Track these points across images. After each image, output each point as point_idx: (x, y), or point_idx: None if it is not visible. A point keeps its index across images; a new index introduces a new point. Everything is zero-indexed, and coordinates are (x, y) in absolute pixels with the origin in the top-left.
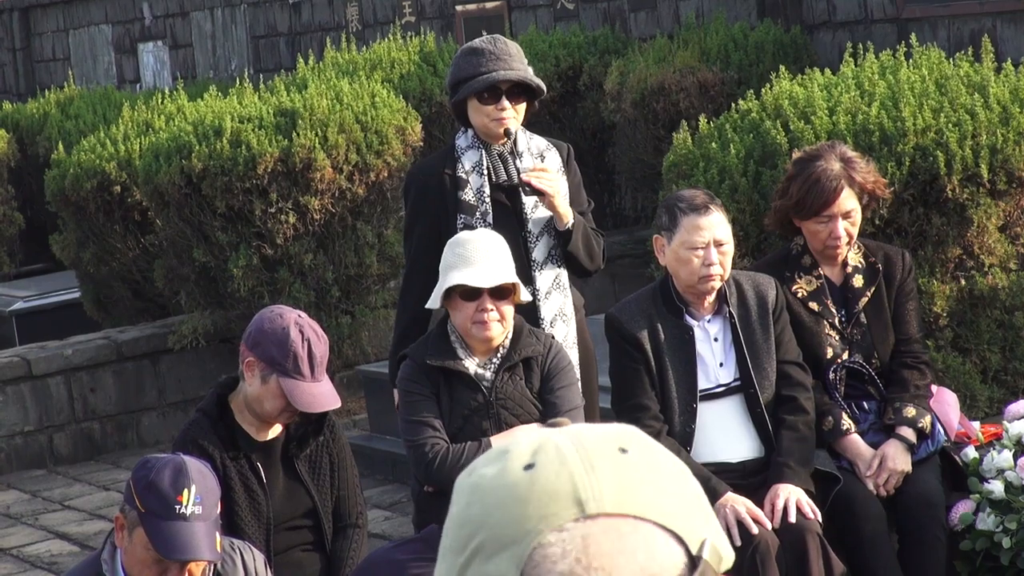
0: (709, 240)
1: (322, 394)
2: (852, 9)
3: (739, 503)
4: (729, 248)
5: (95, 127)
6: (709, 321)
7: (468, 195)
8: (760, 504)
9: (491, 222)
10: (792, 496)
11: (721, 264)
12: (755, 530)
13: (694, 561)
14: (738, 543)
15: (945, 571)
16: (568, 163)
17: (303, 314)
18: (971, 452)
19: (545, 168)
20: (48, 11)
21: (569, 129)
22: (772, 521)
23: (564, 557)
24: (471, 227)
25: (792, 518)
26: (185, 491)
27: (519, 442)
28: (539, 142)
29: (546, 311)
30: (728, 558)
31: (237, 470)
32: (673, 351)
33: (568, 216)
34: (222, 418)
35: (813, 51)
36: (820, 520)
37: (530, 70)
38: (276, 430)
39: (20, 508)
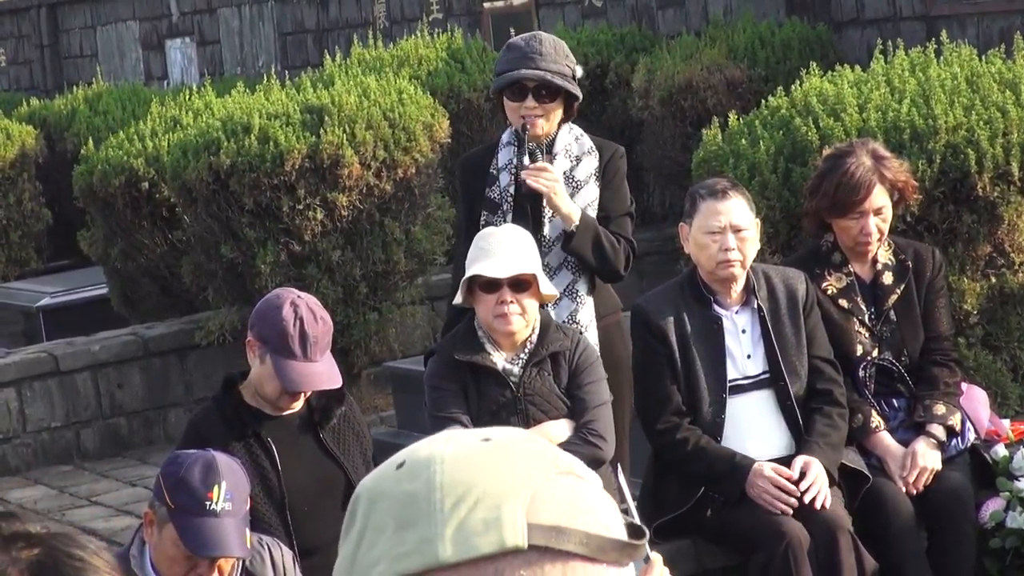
0: (726, 224)
1: (314, 374)
2: (880, 6)
3: (767, 467)
4: (749, 235)
5: (123, 123)
6: (737, 313)
7: (493, 193)
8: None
9: (509, 223)
10: (821, 477)
11: (740, 250)
12: (789, 474)
13: (635, 531)
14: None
15: (974, 569)
16: (608, 165)
17: (304, 295)
18: (1001, 450)
19: (545, 167)
20: (76, 7)
21: (596, 126)
22: (797, 487)
23: (558, 501)
24: (492, 224)
25: (813, 494)
26: (215, 487)
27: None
28: (584, 143)
29: (554, 317)
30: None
31: (246, 451)
32: (700, 341)
33: (573, 217)
34: (228, 401)
35: (840, 48)
36: (837, 511)
37: (578, 69)
38: (297, 404)
39: (47, 504)
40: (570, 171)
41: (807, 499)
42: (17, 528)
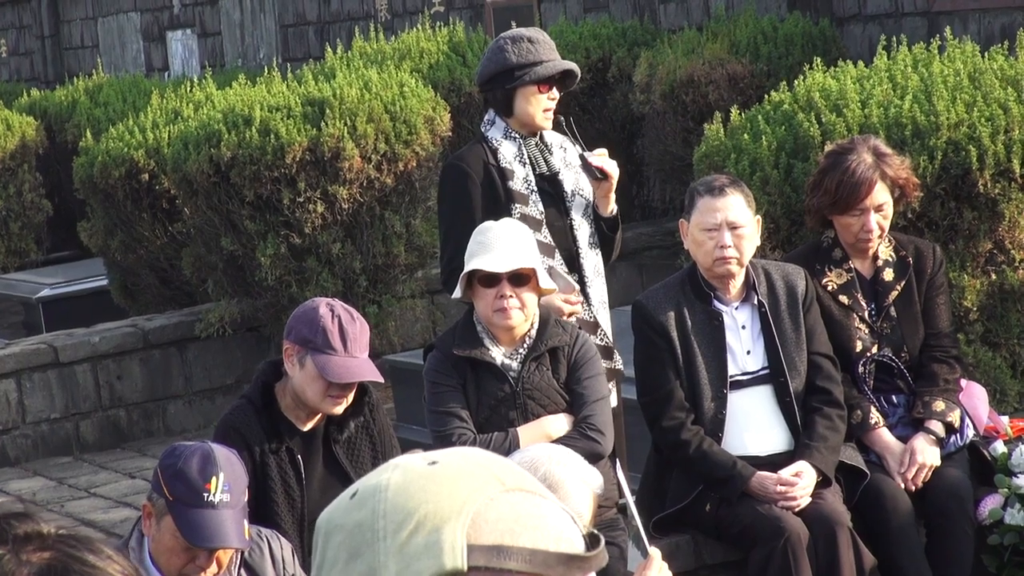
0: (722, 221)
1: (357, 366)
2: (882, 2)
3: (768, 478)
4: (747, 232)
5: (124, 115)
6: (737, 308)
7: (517, 184)
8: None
9: (542, 210)
10: (808, 486)
11: (737, 247)
12: (787, 480)
13: (592, 540)
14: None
15: (972, 565)
16: (582, 153)
17: (338, 300)
18: (1000, 447)
19: (604, 151)
20: None
21: (598, 120)
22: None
23: (502, 519)
24: (526, 215)
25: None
26: (213, 479)
27: (393, 464)
28: (555, 135)
29: (594, 296)
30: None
31: (276, 463)
32: (701, 337)
33: (613, 202)
34: (267, 407)
35: (843, 44)
36: (835, 507)
37: None
38: (339, 408)
39: (46, 495)
40: (565, 157)
41: (788, 500)
42: (30, 529)
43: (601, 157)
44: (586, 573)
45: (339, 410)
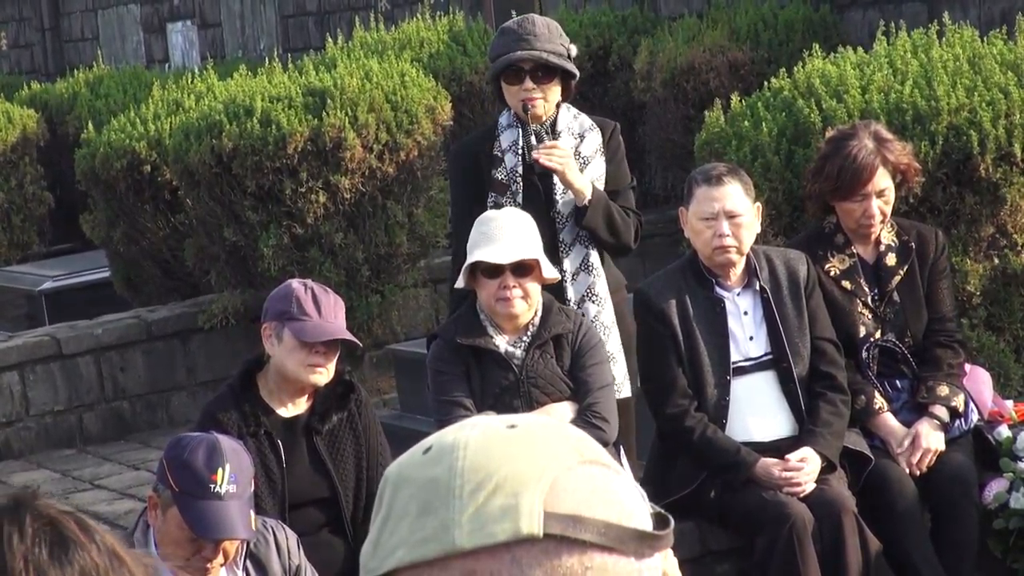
0: (719, 210)
1: (332, 327)
2: None
3: (772, 464)
4: (745, 221)
5: (125, 106)
6: (739, 294)
7: (500, 174)
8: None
9: (520, 202)
10: (813, 471)
11: (736, 236)
12: (792, 466)
13: (661, 521)
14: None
15: (978, 549)
16: (610, 141)
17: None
18: (1004, 431)
19: (556, 144)
20: None
21: (599, 108)
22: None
23: (579, 490)
24: (500, 206)
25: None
26: (219, 470)
27: (463, 425)
28: (584, 121)
29: (573, 292)
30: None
31: (256, 446)
32: (703, 323)
33: (585, 192)
34: (246, 392)
35: (843, 30)
36: (840, 492)
37: (572, 49)
38: (302, 405)
39: (50, 487)
40: (575, 148)
41: (793, 486)
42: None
43: (546, 150)
44: (656, 552)
45: (322, 380)
